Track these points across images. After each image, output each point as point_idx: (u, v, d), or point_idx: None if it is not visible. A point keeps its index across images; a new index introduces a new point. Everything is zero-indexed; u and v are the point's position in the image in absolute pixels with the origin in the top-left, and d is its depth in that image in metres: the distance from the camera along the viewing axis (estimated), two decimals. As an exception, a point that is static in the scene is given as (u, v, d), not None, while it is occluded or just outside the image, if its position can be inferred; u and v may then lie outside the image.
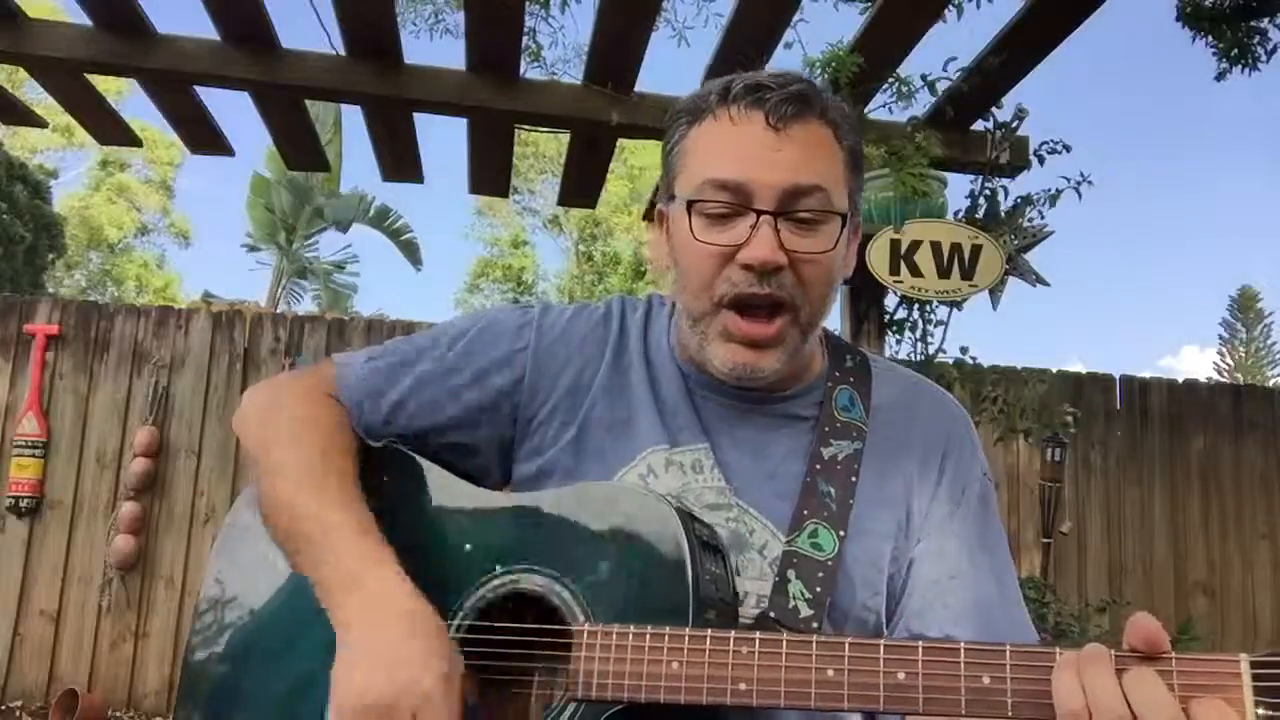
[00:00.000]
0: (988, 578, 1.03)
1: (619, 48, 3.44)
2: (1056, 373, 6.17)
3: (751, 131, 0.99)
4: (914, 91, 3.46)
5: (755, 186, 0.97)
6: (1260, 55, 4.72)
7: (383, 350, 1.15)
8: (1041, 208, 3.62)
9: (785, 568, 0.98)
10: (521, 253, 21.82)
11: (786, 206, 0.97)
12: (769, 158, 0.98)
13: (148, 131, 14.71)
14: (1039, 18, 3.16)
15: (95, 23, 3.47)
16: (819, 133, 1.01)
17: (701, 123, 1.03)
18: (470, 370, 1.10)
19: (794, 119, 0.99)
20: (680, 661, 0.83)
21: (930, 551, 1.03)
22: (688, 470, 1.04)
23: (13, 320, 5.62)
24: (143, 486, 5.44)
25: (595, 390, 1.09)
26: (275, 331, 5.79)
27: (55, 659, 5.36)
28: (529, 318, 1.13)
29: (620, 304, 1.16)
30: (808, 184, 0.98)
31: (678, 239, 1.04)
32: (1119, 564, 5.96)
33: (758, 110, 0.99)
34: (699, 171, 1.01)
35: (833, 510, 1.00)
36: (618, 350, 1.11)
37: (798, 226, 0.98)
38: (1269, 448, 6.26)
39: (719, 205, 0.98)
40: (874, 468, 1.04)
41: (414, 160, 4.31)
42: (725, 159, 0.99)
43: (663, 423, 1.06)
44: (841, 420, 1.06)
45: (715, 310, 1.00)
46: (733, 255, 0.98)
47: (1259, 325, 28.19)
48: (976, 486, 1.08)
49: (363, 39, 3.48)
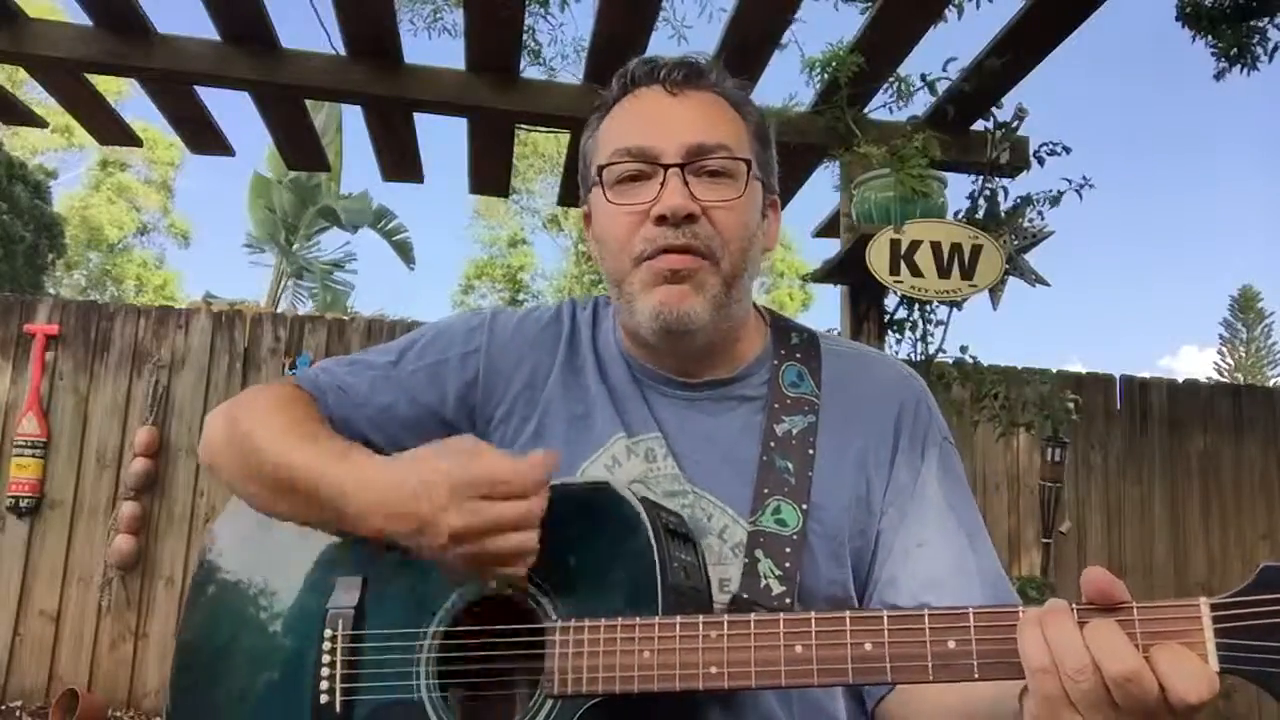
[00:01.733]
0: (956, 539, 1.02)
1: (619, 47, 3.44)
2: (1056, 373, 6.17)
3: (650, 99, 1.05)
4: (914, 91, 3.47)
5: (660, 146, 1.01)
6: (1260, 55, 4.72)
7: (340, 359, 1.18)
8: (1041, 208, 3.63)
9: (753, 548, 0.99)
10: (520, 252, 21.81)
11: (692, 159, 1.01)
12: (669, 118, 1.03)
13: (148, 132, 14.73)
14: (1039, 18, 3.16)
15: (95, 23, 3.47)
16: (717, 100, 1.06)
17: (609, 113, 1.09)
18: (425, 373, 1.12)
19: (687, 84, 1.04)
20: (651, 650, 0.84)
21: (895, 521, 1.03)
22: (643, 458, 1.05)
23: (13, 320, 5.61)
24: (143, 486, 5.44)
25: (550, 386, 1.10)
26: (275, 331, 5.78)
27: (55, 659, 5.35)
28: (480, 321, 1.15)
29: (570, 305, 1.19)
30: (712, 142, 1.01)
31: (597, 214, 1.08)
32: (1119, 564, 5.95)
33: (654, 81, 1.06)
34: (607, 146, 1.06)
35: (792, 485, 1.01)
36: (570, 347, 1.13)
37: (706, 178, 1.01)
38: (1269, 448, 6.26)
39: (627, 167, 1.02)
40: (829, 441, 1.05)
41: (414, 160, 4.31)
42: (629, 127, 1.05)
43: (618, 413, 1.08)
44: (791, 396, 1.07)
45: (635, 266, 1.02)
46: (646, 213, 1.01)
47: (1259, 325, 28.20)
48: (935, 451, 1.08)
49: (363, 39, 3.48)
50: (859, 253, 3.31)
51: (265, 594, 1.07)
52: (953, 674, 0.75)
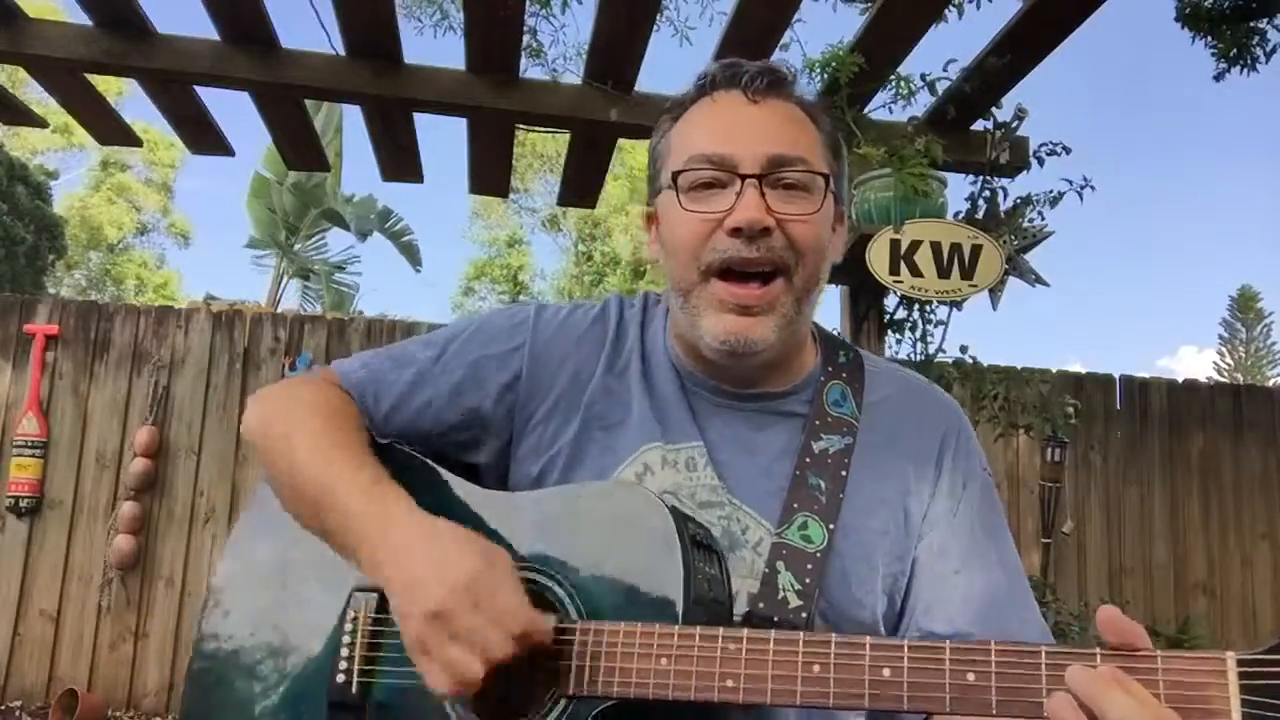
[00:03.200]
0: (994, 571, 1.02)
1: (619, 47, 3.44)
2: (1056, 373, 6.18)
3: (730, 105, 1.03)
4: (914, 91, 3.46)
5: (739, 156, 0.99)
6: (1259, 56, 4.72)
7: (380, 352, 1.16)
8: (1041, 208, 3.63)
9: (774, 559, 0.98)
10: (519, 251, 21.80)
11: (770, 170, 0.99)
12: (750, 127, 1.00)
13: (148, 132, 14.73)
14: (1039, 18, 3.16)
15: (95, 23, 3.47)
16: (796, 111, 1.04)
17: (684, 116, 1.07)
18: (467, 369, 1.10)
19: (769, 92, 1.02)
20: (669, 658, 0.84)
21: (933, 548, 1.03)
22: (682, 468, 1.03)
23: (13, 320, 5.62)
24: (143, 486, 5.44)
25: (593, 389, 1.08)
26: (275, 331, 5.79)
27: (55, 659, 5.35)
28: (524, 316, 1.13)
29: (617, 302, 1.16)
30: (791, 154, 1.00)
31: (666, 219, 1.05)
32: (1119, 564, 5.96)
33: (734, 87, 1.03)
34: (683, 150, 1.03)
35: (822, 503, 1.00)
36: (614, 348, 1.11)
37: (783, 190, 0.99)
38: (1269, 448, 6.26)
39: (704, 174, 1.00)
40: (867, 464, 1.04)
41: (414, 160, 4.31)
42: (708, 133, 1.02)
43: (658, 420, 1.06)
44: (833, 415, 1.06)
45: (704, 280, 1.00)
46: (720, 223, 0.99)
47: (1259, 325, 28.20)
48: (977, 481, 1.07)
49: (363, 39, 3.48)
50: (859, 253, 3.31)
51: (291, 574, 1.08)
52: (970, 708, 0.75)
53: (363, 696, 0.97)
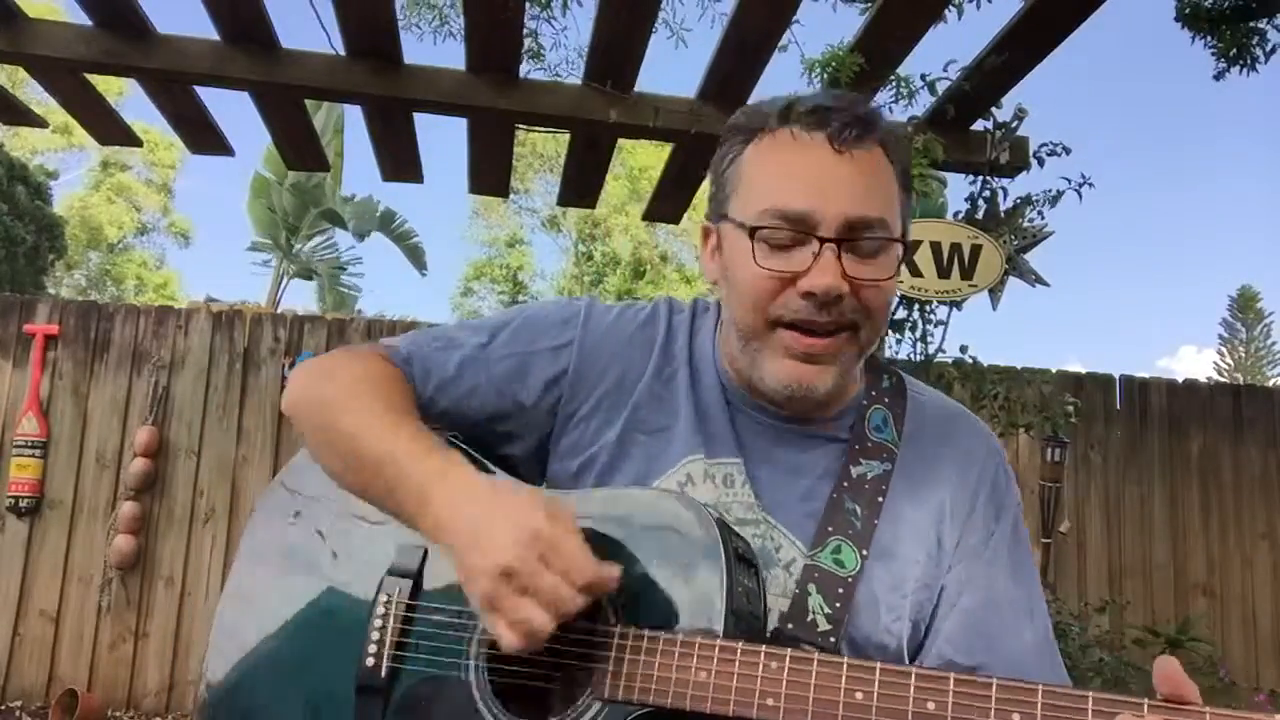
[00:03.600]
0: (1020, 609, 1.03)
1: (619, 48, 3.44)
2: (1056, 373, 6.18)
3: (814, 154, 0.97)
4: (914, 91, 3.46)
5: (819, 216, 0.95)
6: (1259, 56, 4.72)
7: (428, 333, 1.15)
8: (1041, 208, 3.63)
9: (806, 581, 0.98)
10: (519, 251, 21.80)
11: (849, 235, 0.96)
12: (833, 185, 0.96)
13: (148, 132, 14.73)
14: (1039, 18, 3.16)
15: (95, 23, 3.47)
16: (879, 159, 1.00)
17: (759, 141, 1.01)
18: (514, 360, 1.10)
19: (857, 143, 0.97)
20: (709, 671, 0.83)
21: (963, 579, 1.03)
22: (720, 484, 1.03)
23: (13, 320, 5.61)
24: (142, 486, 5.44)
25: (639, 393, 1.08)
26: (275, 331, 5.78)
27: (55, 659, 5.35)
28: (575, 311, 1.12)
29: (666, 306, 1.15)
30: (872, 216, 0.97)
31: (733, 259, 1.01)
32: (1119, 564, 5.95)
33: (820, 131, 0.97)
34: (761, 196, 0.98)
35: (857, 528, 1.00)
36: (663, 354, 1.10)
37: (860, 254, 0.97)
38: (1269, 448, 6.26)
39: (782, 234, 0.96)
40: (904, 491, 1.03)
41: (414, 160, 4.31)
42: (789, 185, 0.97)
43: (701, 433, 1.06)
44: (873, 441, 1.05)
45: (770, 329, 0.99)
46: (793, 281, 0.96)
47: (1259, 325, 28.21)
48: (1009, 517, 1.07)
49: (363, 39, 3.48)
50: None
51: (317, 559, 1.07)
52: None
53: (390, 681, 0.96)
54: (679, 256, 21.19)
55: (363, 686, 0.97)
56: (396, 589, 0.99)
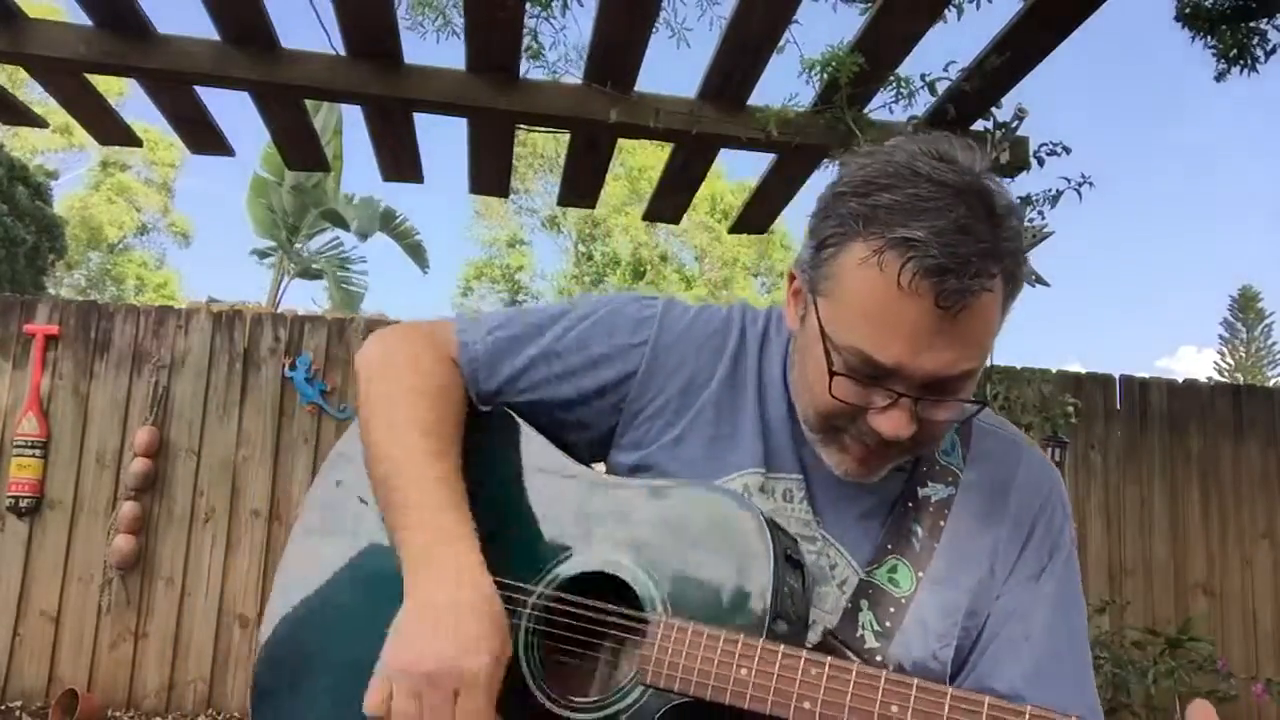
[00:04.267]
0: (1064, 644, 1.03)
1: (619, 48, 3.44)
2: (1056, 373, 6.18)
3: (917, 312, 0.87)
4: (914, 91, 3.46)
5: (905, 372, 0.89)
6: (1259, 56, 4.72)
7: (504, 322, 1.17)
8: (1041, 208, 3.63)
9: (859, 596, 0.99)
10: (518, 251, 21.81)
11: (928, 392, 0.91)
12: (928, 344, 0.88)
13: (148, 132, 14.73)
14: (1039, 18, 3.16)
15: (95, 23, 3.47)
16: (990, 300, 0.89)
17: (865, 253, 0.89)
18: (585, 356, 1.11)
19: (965, 303, 0.87)
20: (749, 669, 0.85)
21: (1010, 609, 1.03)
22: (778, 498, 1.04)
23: (13, 320, 5.62)
24: (143, 486, 5.44)
25: (705, 398, 1.09)
26: (275, 332, 5.78)
27: (55, 659, 5.36)
28: (652, 313, 1.13)
29: (740, 314, 1.14)
30: (961, 372, 0.91)
31: (811, 353, 0.97)
32: (1119, 564, 5.96)
33: (931, 289, 0.86)
34: (851, 327, 0.91)
35: (916, 550, 1.00)
36: (734, 362, 1.10)
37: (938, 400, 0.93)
38: (1269, 447, 6.26)
39: (862, 377, 0.92)
40: (963, 519, 1.04)
41: (414, 160, 4.31)
42: (882, 334, 0.89)
43: (765, 447, 1.06)
44: (940, 464, 1.05)
45: (833, 432, 0.98)
46: (864, 411, 0.94)
47: (1259, 325, 28.22)
48: (1063, 555, 1.07)
49: (363, 39, 3.48)
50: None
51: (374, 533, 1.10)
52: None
53: None
54: (679, 257, 21.21)
55: None
56: None
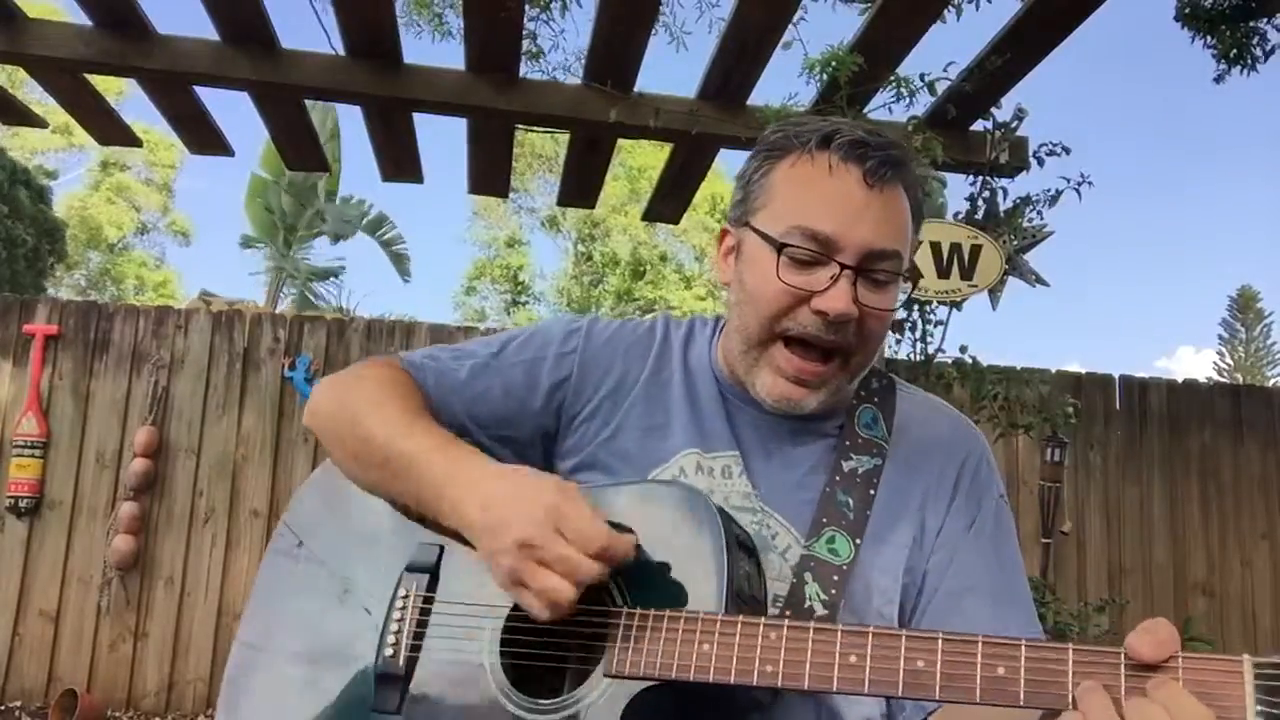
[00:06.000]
0: (999, 591, 1.07)
1: (618, 48, 3.44)
2: (1056, 373, 6.18)
3: (847, 185, 1.03)
4: (914, 91, 3.46)
5: (844, 243, 1.02)
6: (1259, 56, 4.72)
7: (444, 347, 1.25)
8: (1041, 208, 3.63)
9: (802, 570, 1.04)
10: (518, 252, 21.81)
11: (866, 265, 1.02)
12: (860, 215, 1.02)
13: (148, 132, 14.72)
14: (1039, 18, 3.16)
15: (95, 23, 3.47)
16: (901, 195, 1.06)
17: (794, 160, 1.07)
18: (522, 367, 1.19)
19: (886, 181, 1.04)
20: (711, 644, 0.88)
21: (944, 564, 1.08)
22: (717, 475, 1.10)
23: (13, 320, 5.61)
24: (142, 486, 5.44)
25: (635, 394, 1.16)
26: (275, 331, 5.78)
27: (55, 659, 5.35)
28: (579, 326, 1.22)
29: (664, 321, 1.25)
30: (890, 249, 1.03)
31: (752, 267, 1.08)
32: (1119, 564, 5.96)
33: (856, 165, 1.03)
34: (790, 213, 1.05)
35: (849, 519, 1.06)
36: (659, 360, 1.19)
37: (872, 283, 1.04)
38: (1268, 448, 6.26)
39: (806, 253, 1.03)
40: (892, 483, 1.10)
41: (413, 160, 4.31)
42: (819, 208, 1.03)
43: (697, 428, 1.13)
44: (863, 437, 1.12)
45: (773, 341, 1.06)
46: (807, 299, 1.03)
47: (1259, 325, 28.22)
48: (992, 505, 1.12)
49: (363, 39, 3.49)
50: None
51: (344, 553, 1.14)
52: (998, 698, 0.79)
53: (409, 669, 1.02)
54: (678, 257, 21.20)
55: (382, 674, 1.03)
56: (414, 583, 1.05)
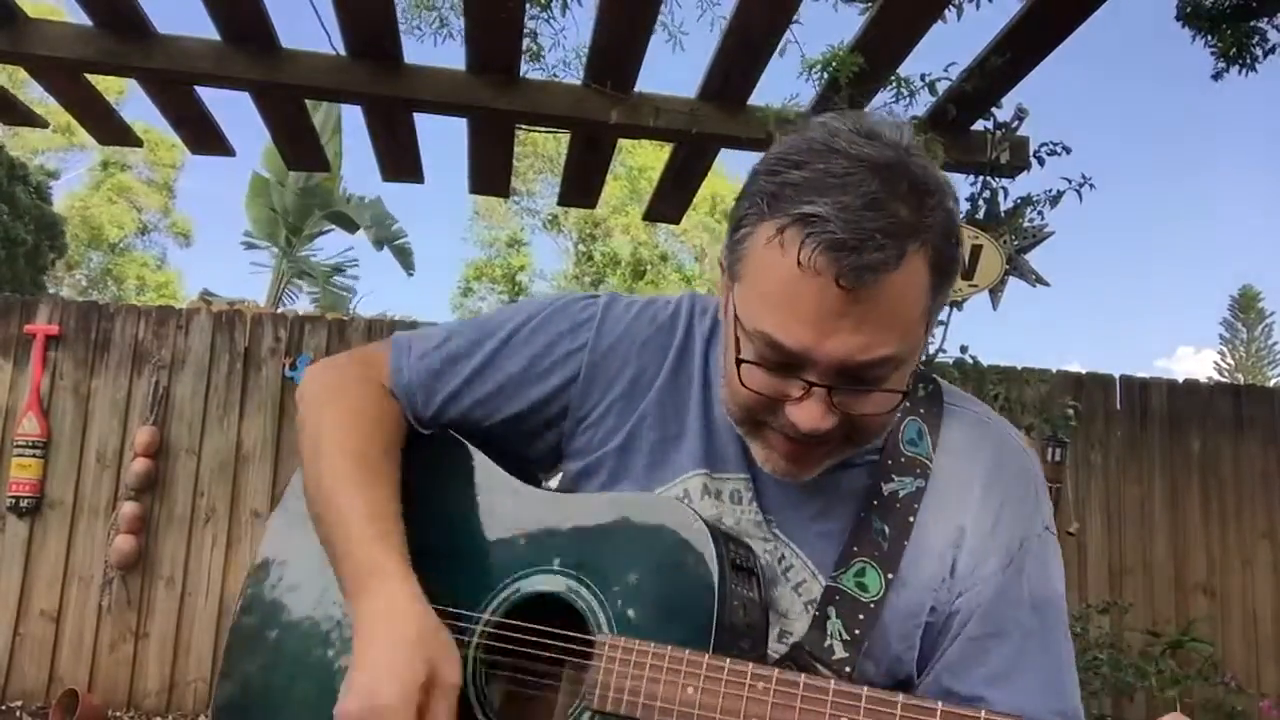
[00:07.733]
0: (1034, 641, 0.96)
1: (619, 48, 3.44)
2: (1056, 373, 6.17)
3: (818, 286, 0.82)
4: (914, 91, 3.47)
5: (813, 356, 0.84)
6: (1259, 55, 4.72)
7: (440, 341, 1.12)
8: (1041, 208, 3.63)
9: (826, 604, 0.95)
10: (519, 252, 21.80)
11: (843, 380, 0.86)
12: (834, 327, 0.83)
13: (148, 132, 14.72)
14: (1039, 18, 3.16)
15: (95, 23, 3.47)
16: (904, 280, 0.83)
17: (770, 233, 0.85)
18: (524, 366, 1.08)
19: (867, 284, 0.81)
20: (696, 688, 0.83)
21: (974, 605, 0.96)
22: (725, 499, 1.01)
23: (13, 320, 5.61)
24: (143, 486, 5.44)
25: (649, 400, 1.05)
26: (275, 331, 5.78)
27: (55, 659, 5.35)
28: (591, 314, 1.08)
29: (690, 307, 1.09)
30: (874, 358, 0.84)
31: (728, 353, 0.94)
32: (1119, 564, 5.95)
33: (831, 266, 0.81)
34: (755, 314, 0.87)
35: (884, 550, 0.95)
36: (679, 360, 1.06)
37: (854, 392, 0.87)
38: (1269, 447, 6.26)
39: (771, 357, 0.87)
40: (932, 512, 0.97)
41: (414, 160, 4.32)
42: (785, 314, 0.84)
43: (709, 447, 1.02)
44: (906, 455, 0.99)
45: (757, 427, 0.94)
46: (781, 402, 0.89)
47: (1259, 325, 28.21)
48: (1035, 542, 1.00)
49: (363, 39, 3.49)
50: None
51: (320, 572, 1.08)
52: None
53: None
54: (679, 257, 21.21)
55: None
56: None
